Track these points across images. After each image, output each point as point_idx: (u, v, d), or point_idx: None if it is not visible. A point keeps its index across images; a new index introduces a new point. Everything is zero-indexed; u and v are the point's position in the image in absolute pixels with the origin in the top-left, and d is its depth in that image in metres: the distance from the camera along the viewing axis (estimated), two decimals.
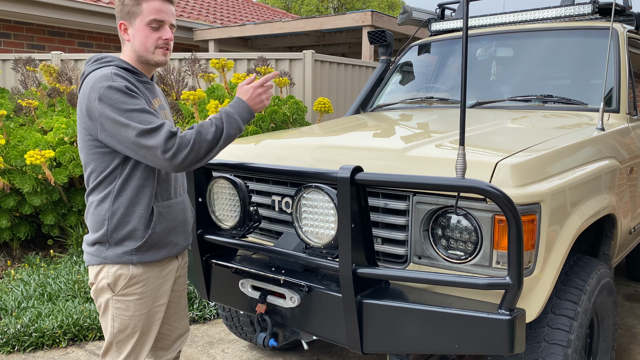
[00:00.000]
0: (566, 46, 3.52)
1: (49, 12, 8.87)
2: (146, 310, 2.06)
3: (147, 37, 1.97)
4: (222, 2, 14.59)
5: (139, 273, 2.01)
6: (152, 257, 2.02)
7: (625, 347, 3.53)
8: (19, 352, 3.46)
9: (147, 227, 1.98)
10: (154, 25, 1.96)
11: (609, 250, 2.76)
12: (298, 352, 3.48)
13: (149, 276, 2.04)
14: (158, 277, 2.08)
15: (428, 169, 2.05)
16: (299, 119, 5.59)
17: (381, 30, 4.31)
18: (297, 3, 31.64)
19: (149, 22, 1.95)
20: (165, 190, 2.05)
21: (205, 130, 1.89)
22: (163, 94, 2.20)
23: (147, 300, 2.05)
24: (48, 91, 5.71)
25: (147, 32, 1.97)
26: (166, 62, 2.05)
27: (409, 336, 1.96)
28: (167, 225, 2.04)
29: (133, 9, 1.96)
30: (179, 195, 2.13)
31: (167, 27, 2.00)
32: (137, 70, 2.02)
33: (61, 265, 4.72)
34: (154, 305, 2.08)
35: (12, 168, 4.73)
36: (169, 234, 2.06)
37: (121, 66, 1.97)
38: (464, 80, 1.79)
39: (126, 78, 1.92)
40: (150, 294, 2.06)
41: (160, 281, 2.09)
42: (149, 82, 2.07)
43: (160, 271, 2.08)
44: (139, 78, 2.01)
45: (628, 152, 2.91)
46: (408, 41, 4.38)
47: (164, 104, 2.16)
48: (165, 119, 2.09)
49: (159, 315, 2.11)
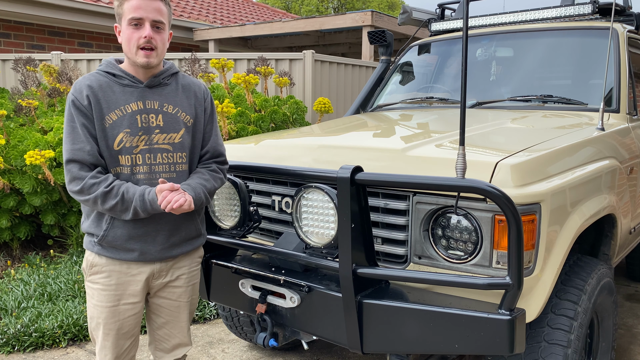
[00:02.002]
0: (566, 46, 3.52)
1: (49, 12, 8.87)
2: (110, 305, 2.05)
3: (129, 38, 1.95)
4: (222, 2, 14.59)
5: (102, 263, 2.04)
6: (112, 255, 2.03)
7: (625, 347, 3.53)
8: (19, 352, 3.46)
9: (103, 227, 2.00)
10: (134, 23, 1.94)
11: (609, 250, 2.76)
12: (298, 352, 3.48)
13: (113, 269, 2.04)
14: (125, 274, 2.05)
15: (428, 169, 2.05)
16: (299, 119, 5.59)
17: (381, 30, 4.31)
18: (297, 3, 31.64)
19: (129, 22, 1.94)
20: None
21: (112, 197, 1.90)
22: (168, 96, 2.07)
23: (110, 294, 2.04)
24: (48, 91, 5.71)
25: (129, 32, 1.95)
26: (149, 64, 1.97)
27: (409, 336, 1.95)
28: (127, 232, 2.00)
29: (119, 10, 1.97)
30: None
31: (147, 24, 1.94)
32: (122, 73, 2.00)
33: (61, 265, 4.72)
34: (121, 303, 2.06)
35: (12, 168, 4.73)
36: (130, 240, 2.01)
37: (104, 70, 2.00)
38: (464, 80, 1.79)
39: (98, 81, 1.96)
40: (115, 289, 2.05)
41: (128, 279, 2.06)
42: (133, 85, 2.00)
43: (128, 269, 2.05)
44: (118, 80, 2.00)
45: (628, 152, 2.91)
46: (408, 41, 4.38)
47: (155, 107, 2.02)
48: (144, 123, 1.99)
49: (129, 314, 2.08)
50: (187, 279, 2.21)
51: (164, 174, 2.04)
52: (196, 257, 2.25)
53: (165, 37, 2.03)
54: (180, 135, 2.06)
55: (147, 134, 2.00)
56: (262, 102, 5.51)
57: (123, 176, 1.99)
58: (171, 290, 2.18)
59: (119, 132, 1.96)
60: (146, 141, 2.00)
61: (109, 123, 1.96)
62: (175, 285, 2.18)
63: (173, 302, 2.20)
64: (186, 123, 2.09)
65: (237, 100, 5.49)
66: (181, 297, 2.20)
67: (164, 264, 2.12)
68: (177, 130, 2.05)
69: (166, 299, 2.18)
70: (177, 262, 2.17)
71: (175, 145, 2.05)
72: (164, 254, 2.08)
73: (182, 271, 2.19)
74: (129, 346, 2.14)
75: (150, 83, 2.03)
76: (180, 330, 2.24)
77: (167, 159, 2.04)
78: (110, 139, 1.96)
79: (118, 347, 2.10)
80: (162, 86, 2.07)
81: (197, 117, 2.13)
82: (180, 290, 2.20)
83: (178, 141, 2.05)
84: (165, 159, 2.04)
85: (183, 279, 2.19)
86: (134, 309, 2.09)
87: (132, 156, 1.98)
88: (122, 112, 1.97)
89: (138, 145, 1.99)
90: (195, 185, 2.03)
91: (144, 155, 2.00)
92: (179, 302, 2.21)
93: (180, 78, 2.14)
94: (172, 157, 2.05)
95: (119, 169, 1.99)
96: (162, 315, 2.21)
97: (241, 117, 5.19)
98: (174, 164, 2.06)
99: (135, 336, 2.17)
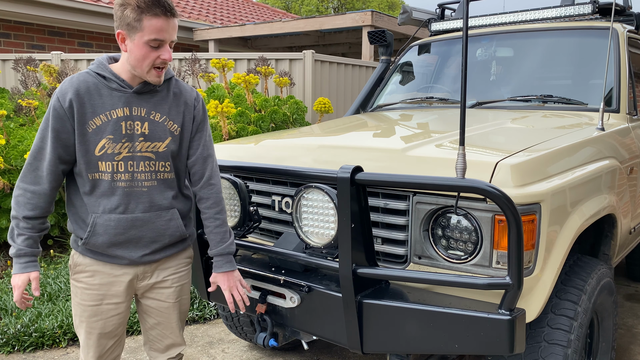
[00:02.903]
0: (566, 46, 3.51)
1: (49, 12, 8.88)
2: (93, 304, 2.04)
3: (145, 57, 1.87)
4: (222, 2, 14.59)
5: (86, 263, 2.04)
6: (95, 256, 2.03)
7: (625, 347, 3.53)
8: (19, 352, 3.46)
9: (85, 231, 1.99)
10: (153, 45, 1.86)
11: (609, 250, 2.76)
12: (298, 352, 3.48)
13: (96, 270, 2.03)
14: (109, 275, 2.04)
15: (428, 169, 2.05)
16: (299, 119, 5.59)
17: (381, 30, 4.31)
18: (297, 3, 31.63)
19: (148, 41, 1.85)
20: (111, 203, 1.96)
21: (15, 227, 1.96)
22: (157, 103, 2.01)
23: (93, 293, 2.04)
24: (48, 91, 5.71)
25: (145, 51, 1.87)
26: (160, 82, 1.95)
27: (409, 336, 1.96)
28: (108, 239, 1.97)
29: (134, 24, 1.84)
30: (135, 211, 1.98)
31: (167, 45, 1.89)
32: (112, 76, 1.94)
33: (61, 265, 4.72)
34: (104, 302, 2.05)
35: (12, 168, 4.73)
36: (112, 247, 1.99)
37: (95, 70, 1.95)
38: (464, 80, 1.79)
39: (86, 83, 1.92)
40: (99, 289, 2.04)
41: (111, 280, 2.05)
42: (121, 90, 1.94)
43: (111, 269, 2.04)
44: (107, 83, 1.94)
45: (628, 152, 2.91)
46: (408, 41, 4.38)
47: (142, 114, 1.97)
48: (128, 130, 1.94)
49: (111, 314, 2.07)
50: (174, 279, 2.17)
51: (146, 182, 1.99)
52: (183, 258, 2.21)
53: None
54: (165, 145, 2.00)
55: (131, 141, 1.95)
56: (262, 102, 5.51)
57: (103, 183, 1.95)
58: (159, 292, 2.16)
59: (102, 137, 1.91)
60: (129, 148, 1.95)
61: (92, 128, 1.91)
62: (163, 287, 2.16)
63: (162, 303, 2.17)
64: (173, 132, 2.02)
65: (237, 100, 5.49)
66: (169, 297, 2.17)
67: (148, 266, 2.10)
68: (163, 139, 2.00)
69: (155, 299, 2.17)
70: (162, 263, 2.14)
71: (159, 154, 2.00)
72: (146, 259, 2.06)
73: (169, 272, 2.15)
74: (112, 346, 2.13)
75: (139, 89, 1.96)
76: (172, 330, 2.23)
77: (150, 167, 1.99)
78: (92, 144, 1.92)
79: (101, 346, 2.10)
80: (151, 93, 1.99)
81: (185, 125, 2.07)
82: (168, 291, 2.17)
83: (162, 150, 2.00)
84: (147, 167, 1.99)
85: (170, 280, 2.16)
86: (117, 309, 2.08)
87: (113, 163, 1.94)
88: (107, 118, 1.92)
89: (120, 152, 1.94)
90: (225, 251, 2.16)
91: (126, 162, 1.95)
92: (168, 302, 2.18)
93: (173, 84, 2.07)
94: (154, 166, 2.00)
95: (97, 175, 1.94)
96: (152, 316, 2.20)
97: (241, 117, 5.19)
98: (156, 172, 2.01)
99: (119, 336, 2.15)
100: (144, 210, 1.99)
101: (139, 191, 1.98)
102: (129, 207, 1.97)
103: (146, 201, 2.00)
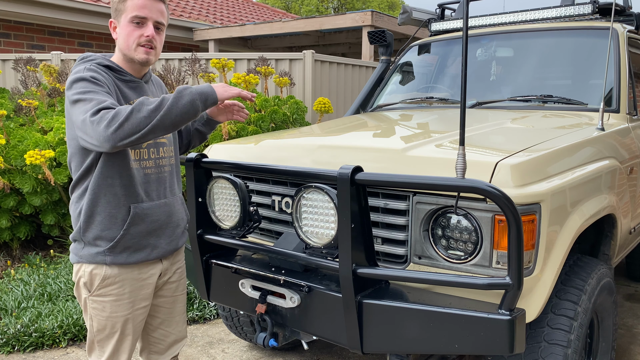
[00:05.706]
0: (566, 46, 3.52)
1: (49, 12, 8.88)
2: (125, 313, 2.03)
3: (129, 35, 1.94)
4: (222, 2, 14.59)
5: (114, 274, 1.99)
6: (126, 259, 1.98)
7: (625, 347, 3.53)
8: (19, 352, 3.46)
9: (120, 227, 1.95)
10: (136, 22, 1.93)
11: (609, 250, 2.76)
12: (298, 352, 3.48)
13: (125, 278, 2.00)
14: (137, 279, 2.03)
15: (428, 169, 2.05)
16: (299, 119, 5.59)
17: (381, 30, 4.31)
18: (297, 3, 31.63)
19: (132, 19, 1.93)
20: (144, 191, 2.00)
21: (148, 100, 1.79)
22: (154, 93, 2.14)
23: (124, 302, 2.02)
24: (48, 91, 5.71)
25: (129, 29, 1.94)
26: (149, 61, 1.99)
27: (409, 336, 1.95)
28: (146, 227, 1.99)
29: (119, 6, 1.95)
30: (163, 197, 2.06)
31: (150, 24, 1.95)
32: (120, 68, 1.99)
33: (61, 265, 4.72)
34: (135, 308, 2.05)
35: (12, 168, 4.73)
36: (147, 236, 2.01)
37: (102, 64, 1.95)
38: (464, 80, 1.79)
39: (101, 74, 1.90)
40: (129, 296, 2.03)
41: (140, 284, 2.05)
42: (133, 82, 2.02)
43: (139, 274, 2.04)
44: (119, 76, 1.98)
45: (628, 152, 2.91)
46: (408, 41, 4.38)
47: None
48: None
49: (141, 319, 2.09)
50: (180, 273, 2.27)
51: (166, 168, 2.09)
52: (182, 251, 2.32)
53: (163, 39, 2.06)
54: None
55: None
56: (262, 102, 5.51)
57: (135, 172, 1.98)
58: (168, 287, 2.21)
59: None
60: None
61: None
62: (171, 281, 2.22)
63: (169, 299, 2.23)
64: None
65: (237, 100, 5.49)
66: (176, 291, 2.25)
67: (167, 261, 2.16)
68: None
69: (163, 297, 2.21)
70: (176, 255, 2.23)
71: (169, 139, 2.13)
72: (170, 246, 2.11)
73: (178, 265, 2.25)
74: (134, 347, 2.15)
75: (145, 79, 2.09)
76: (176, 324, 2.28)
77: (166, 152, 2.10)
78: None
79: (132, 349, 2.11)
80: (147, 83, 2.12)
81: None
82: (175, 285, 2.24)
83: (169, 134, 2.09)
84: (165, 153, 2.10)
85: (178, 273, 2.25)
86: (145, 312, 2.11)
87: (140, 150, 2.00)
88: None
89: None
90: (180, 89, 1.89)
91: (149, 149, 2.03)
92: (175, 296, 2.25)
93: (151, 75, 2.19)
94: (168, 151, 2.12)
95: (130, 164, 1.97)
96: (158, 315, 2.22)
97: None
98: (169, 157, 2.12)
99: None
100: (167, 195, 2.09)
101: (163, 177, 2.08)
102: (160, 193, 2.06)
103: (168, 186, 2.10)
